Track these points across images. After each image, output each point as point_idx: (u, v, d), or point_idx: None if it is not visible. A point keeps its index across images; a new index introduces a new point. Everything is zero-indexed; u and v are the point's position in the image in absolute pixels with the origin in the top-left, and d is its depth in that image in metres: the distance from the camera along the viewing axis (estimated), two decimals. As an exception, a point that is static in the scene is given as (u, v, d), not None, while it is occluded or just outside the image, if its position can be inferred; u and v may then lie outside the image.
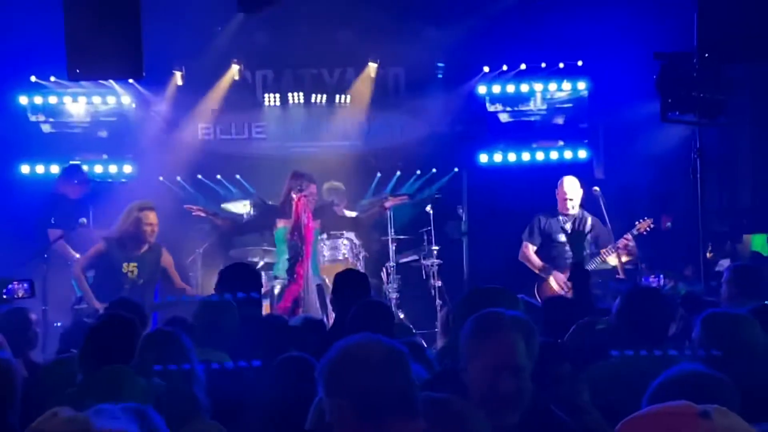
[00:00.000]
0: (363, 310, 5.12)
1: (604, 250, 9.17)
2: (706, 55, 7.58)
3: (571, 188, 9.44)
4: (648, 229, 9.22)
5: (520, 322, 3.17)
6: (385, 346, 2.75)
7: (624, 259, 9.18)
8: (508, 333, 3.11)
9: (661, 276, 9.35)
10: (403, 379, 2.70)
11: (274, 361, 4.07)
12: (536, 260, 9.51)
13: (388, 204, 9.77)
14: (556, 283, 9.25)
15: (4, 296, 6.39)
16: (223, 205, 10.68)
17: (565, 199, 9.42)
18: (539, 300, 8.23)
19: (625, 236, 9.14)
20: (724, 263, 9.13)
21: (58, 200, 9.53)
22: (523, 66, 11.39)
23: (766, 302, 5.41)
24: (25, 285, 6.52)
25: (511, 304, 3.68)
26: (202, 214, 9.76)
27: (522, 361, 3.10)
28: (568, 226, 9.19)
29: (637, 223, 9.24)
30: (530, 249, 9.57)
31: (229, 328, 5.12)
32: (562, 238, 9.25)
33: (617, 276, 9.17)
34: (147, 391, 3.71)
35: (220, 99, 11.52)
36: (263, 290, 9.47)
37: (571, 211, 9.39)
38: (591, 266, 8.89)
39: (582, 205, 9.48)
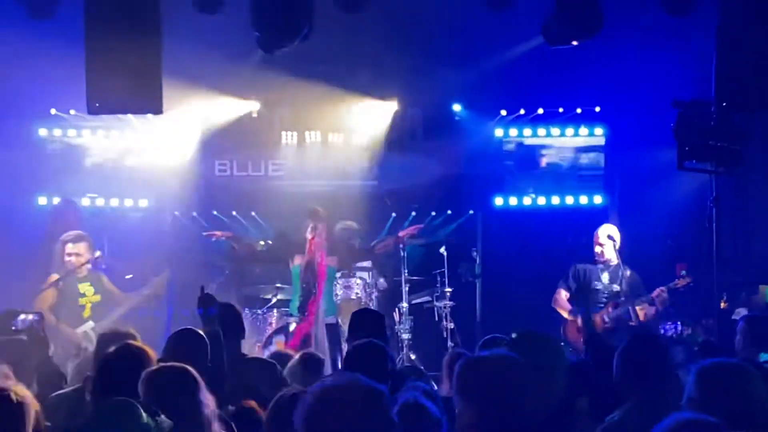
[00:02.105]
0: (356, 352, 5.07)
1: (639, 307, 9.10)
2: (724, 104, 7.57)
3: (602, 234, 9.46)
4: (687, 286, 9.15)
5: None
6: (363, 386, 2.65)
7: (649, 310, 9.12)
8: None
9: (679, 323, 9.26)
10: (381, 418, 2.62)
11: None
12: (565, 304, 9.48)
13: (402, 233, 9.84)
14: (599, 317, 9.20)
15: (13, 327, 6.38)
16: (236, 244, 10.66)
17: (595, 243, 9.43)
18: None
19: (660, 288, 9.08)
20: (741, 312, 9.05)
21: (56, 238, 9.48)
22: (540, 110, 11.41)
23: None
24: (35, 317, 6.53)
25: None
26: (222, 237, 9.81)
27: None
28: (605, 277, 9.18)
29: (677, 279, 9.13)
30: (562, 294, 9.55)
31: (200, 365, 4.43)
32: (598, 286, 9.26)
33: (630, 323, 9.08)
34: (150, 429, 3.63)
35: (238, 136, 11.58)
36: (278, 327, 9.54)
37: (600, 258, 9.37)
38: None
39: (620, 257, 9.35)
